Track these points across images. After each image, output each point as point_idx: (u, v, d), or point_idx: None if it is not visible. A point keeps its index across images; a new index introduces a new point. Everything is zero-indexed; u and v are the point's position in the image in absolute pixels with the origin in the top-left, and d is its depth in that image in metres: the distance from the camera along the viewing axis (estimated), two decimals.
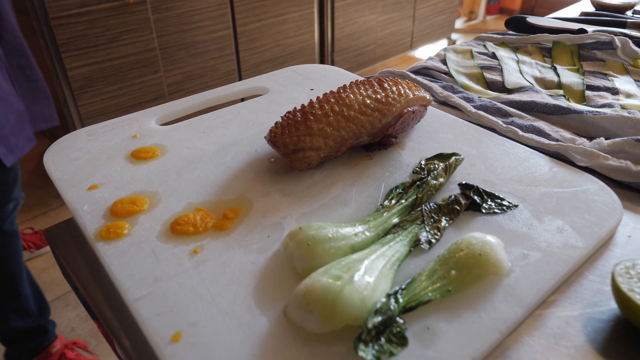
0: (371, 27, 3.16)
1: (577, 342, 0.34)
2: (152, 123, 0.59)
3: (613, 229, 0.43)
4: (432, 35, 3.70)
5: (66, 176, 0.49)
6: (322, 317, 0.31)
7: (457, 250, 0.37)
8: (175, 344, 0.32)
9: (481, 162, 0.51)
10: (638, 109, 0.61)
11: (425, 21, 3.57)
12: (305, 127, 0.47)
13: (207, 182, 0.48)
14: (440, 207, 0.43)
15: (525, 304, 0.35)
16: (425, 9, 3.52)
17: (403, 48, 3.51)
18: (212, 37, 2.15)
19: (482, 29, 4.56)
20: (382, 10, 3.15)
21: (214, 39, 2.17)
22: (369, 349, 0.30)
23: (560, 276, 0.37)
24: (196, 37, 2.10)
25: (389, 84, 0.52)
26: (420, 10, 3.48)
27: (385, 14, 3.20)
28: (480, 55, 0.77)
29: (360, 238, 0.39)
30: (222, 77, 2.28)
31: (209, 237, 0.41)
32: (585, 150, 0.51)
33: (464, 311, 0.34)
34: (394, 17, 3.29)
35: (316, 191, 0.47)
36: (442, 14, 3.71)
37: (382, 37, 3.28)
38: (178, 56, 2.07)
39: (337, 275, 0.33)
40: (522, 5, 4.63)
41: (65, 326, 1.59)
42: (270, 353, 0.31)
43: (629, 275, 0.35)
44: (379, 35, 3.25)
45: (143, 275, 0.37)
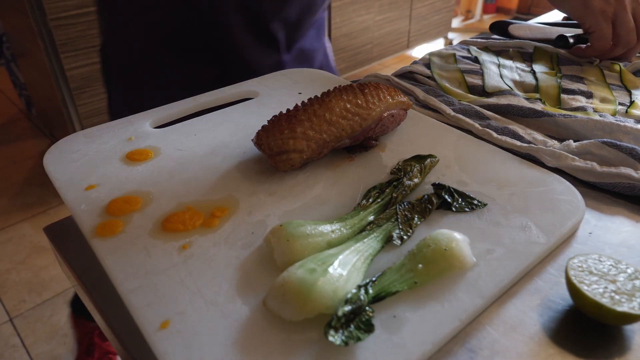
0: (368, 27, 3.18)
1: (532, 330, 0.37)
2: (147, 126, 0.62)
3: (575, 227, 0.46)
4: (429, 35, 3.73)
5: (65, 177, 0.52)
6: (297, 306, 0.34)
7: (424, 246, 0.40)
8: (163, 331, 0.35)
9: (456, 163, 0.54)
10: (610, 112, 0.64)
11: (422, 20, 3.60)
12: (288, 130, 0.50)
13: (197, 182, 0.51)
14: (413, 205, 0.46)
15: (485, 295, 0.38)
16: (422, 8, 3.54)
17: (400, 47, 3.54)
18: None
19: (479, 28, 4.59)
20: (378, 9, 3.18)
21: None
22: (339, 334, 0.33)
23: (520, 270, 0.40)
24: None
25: (370, 89, 0.55)
26: (417, 10, 3.50)
27: (382, 14, 3.22)
28: (464, 59, 0.80)
29: (337, 234, 0.42)
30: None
31: (197, 234, 0.44)
32: (554, 152, 0.55)
33: (428, 301, 0.37)
34: (390, 17, 3.31)
35: (299, 191, 0.50)
36: (439, 14, 3.73)
37: (378, 36, 3.31)
38: None
39: (312, 268, 0.36)
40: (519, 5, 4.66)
41: (65, 323, 1.63)
42: (249, 339, 0.34)
43: (581, 268, 0.38)
44: (375, 34, 3.28)
45: (135, 269, 0.40)
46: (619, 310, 0.34)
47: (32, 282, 1.78)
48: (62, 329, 1.61)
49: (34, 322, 1.63)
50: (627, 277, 0.37)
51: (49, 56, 1.88)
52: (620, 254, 0.44)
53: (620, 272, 0.38)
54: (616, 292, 0.36)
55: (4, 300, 1.70)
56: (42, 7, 1.78)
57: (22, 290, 1.74)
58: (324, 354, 0.33)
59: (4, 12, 2.20)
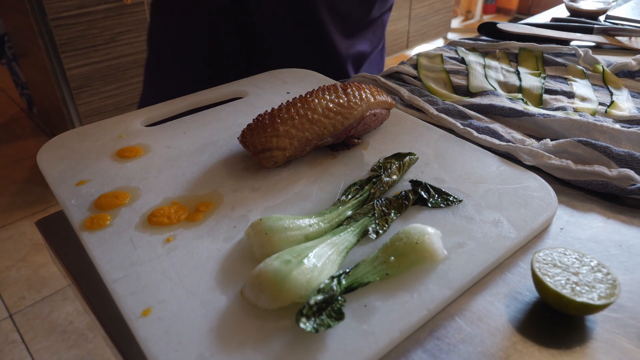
0: None
1: (498, 320, 0.39)
2: (138, 124, 0.64)
3: (547, 222, 0.48)
4: (428, 35, 3.74)
5: (56, 173, 0.54)
6: (272, 295, 0.36)
7: (397, 239, 0.42)
8: (145, 318, 0.37)
9: (435, 161, 0.56)
10: (589, 112, 0.66)
11: (421, 21, 3.61)
12: (272, 129, 0.52)
13: (184, 178, 0.53)
14: (390, 201, 0.48)
15: (454, 286, 0.40)
16: (421, 8, 3.55)
17: (399, 48, 3.55)
18: None
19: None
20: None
21: None
22: (310, 322, 0.35)
23: (489, 263, 0.42)
24: None
25: (352, 89, 0.57)
26: (416, 10, 3.52)
27: None
28: (451, 60, 0.82)
29: (315, 228, 0.44)
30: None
31: (182, 227, 0.46)
32: (531, 151, 0.56)
33: (398, 292, 0.39)
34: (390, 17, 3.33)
35: (281, 187, 0.51)
36: (438, 14, 3.75)
37: None
38: None
39: (288, 260, 0.38)
40: (518, 5, 4.67)
41: (64, 319, 1.65)
42: (226, 326, 0.36)
43: (545, 261, 0.39)
44: None
45: (121, 260, 0.42)
46: (579, 300, 0.36)
47: (32, 279, 1.80)
48: (61, 326, 1.63)
49: (33, 319, 1.65)
50: (590, 269, 0.39)
51: (49, 56, 1.91)
52: (589, 249, 0.46)
53: (584, 265, 0.39)
54: (577, 283, 0.37)
55: (4, 297, 1.72)
56: (42, 7, 1.80)
57: (22, 287, 1.76)
58: (296, 341, 0.35)
59: (6, 12, 2.23)
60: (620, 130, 0.58)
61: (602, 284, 0.37)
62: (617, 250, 0.45)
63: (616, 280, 0.38)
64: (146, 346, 0.34)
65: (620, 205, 0.52)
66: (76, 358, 1.52)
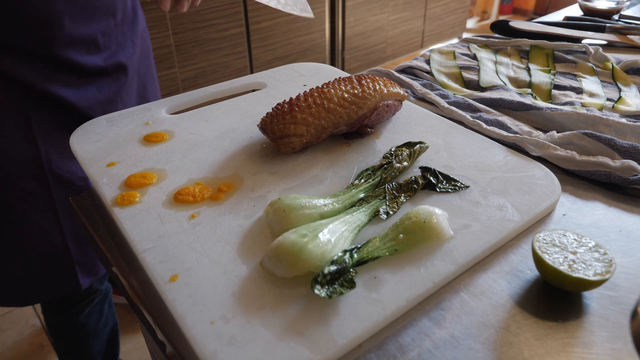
0: (382, 26, 3.22)
1: (500, 294, 0.41)
2: (163, 112, 0.68)
3: (550, 208, 0.50)
4: (443, 35, 3.75)
5: (89, 155, 0.57)
6: (289, 265, 0.39)
7: (406, 219, 0.44)
8: (173, 283, 0.40)
9: (445, 150, 0.58)
10: (597, 107, 0.68)
11: (436, 20, 3.62)
12: (290, 116, 0.55)
13: (207, 162, 0.56)
14: (401, 185, 0.51)
15: (458, 262, 0.42)
16: (437, 8, 3.56)
17: (413, 47, 3.57)
18: (225, 34, 2.24)
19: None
20: (393, 9, 3.21)
21: (227, 37, 2.25)
22: (324, 289, 0.38)
23: (493, 243, 0.45)
24: (210, 35, 2.19)
25: (367, 81, 0.60)
26: (431, 10, 3.53)
27: (396, 13, 3.25)
28: (463, 56, 0.84)
29: (329, 208, 0.47)
30: (234, 73, 2.37)
31: (205, 205, 0.49)
32: (537, 142, 0.59)
33: (406, 266, 0.42)
34: (405, 17, 3.34)
35: (298, 171, 0.55)
36: (454, 14, 3.75)
37: (392, 36, 3.34)
38: (192, 52, 2.16)
39: (304, 234, 0.41)
40: (535, 6, 4.64)
41: None
42: (246, 292, 0.39)
43: (545, 241, 0.42)
44: (389, 34, 3.31)
45: (149, 233, 0.45)
46: (574, 276, 0.38)
47: None
48: None
49: None
50: (588, 249, 0.41)
51: None
52: (589, 233, 0.48)
53: (582, 245, 0.42)
54: (575, 261, 0.40)
55: None
56: None
57: None
58: (311, 306, 0.38)
59: None
60: (626, 124, 0.60)
61: (598, 262, 0.40)
62: (617, 235, 0.48)
63: (612, 260, 0.40)
64: (173, 307, 0.38)
65: (622, 194, 0.54)
66: None
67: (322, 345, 0.35)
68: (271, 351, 0.34)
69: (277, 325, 0.36)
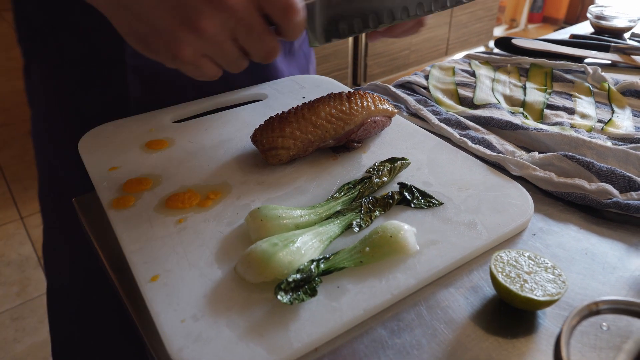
0: None
1: (456, 309, 0.44)
2: (168, 120, 0.72)
3: (520, 228, 0.52)
4: (469, 43, 3.72)
5: (94, 159, 0.62)
6: (258, 271, 0.43)
7: (374, 233, 0.47)
8: (153, 283, 0.44)
9: (427, 166, 0.61)
10: (586, 129, 0.69)
11: (462, 28, 3.60)
12: (279, 130, 0.58)
13: (200, 169, 0.60)
14: (377, 200, 0.54)
15: (419, 277, 0.45)
16: (463, 16, 3.54)
17: (438, 54, 3.56)
18: None
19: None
20: None
21: None
22: (287, 295, 0.41)
23: (456, 259, 0.47)
24: None
25: (356, 97, 0.63)
26: (457, 17, 3.51)
27: None
28: (463, 72, 0.86)
29: (305, 219, 0.50)
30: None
31: (193, 211, 0.53)
32: (518, 162, 0.60)
33: (369, 277, 0.44)
34: (430, 24, 3.34)
35: (283, 182, 0.58)
36: (480, 22, 3.72)
37: (416, 42, 3.34)
38: None
39: (275, 243, 0.44)
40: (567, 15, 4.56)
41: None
42: (218, 294, 0.43)
43: (502, 260, 0.44)
44: (413, 40, 3.31)
45: (138, 235, 0.49)
46: (523, 295, 0.40)
47: None
48: None
49: None
50: (543, 270, 0.43)
51: None
52: (554, 254, 0.50)
53: (538, 265, 0.44)
54: (527, 281, 0.42)
55: None
56: None
57: None
58: (274, 310, 0.41)
59: None
60: (608, 147, 0.61)
61: (551, 283, 0.42)
62: (581, 257, 0.49)
63: (566, 281, 0.42)
64: (150, 305, 0.42)
65: (597, 217, 0.55)
66: None
67: (278, 347, 0.38)
68: (231, 350, 0.38)
69: (240, 326, 0.40)
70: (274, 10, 0.42)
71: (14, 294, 1.77)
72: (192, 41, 0.41)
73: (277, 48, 0.45)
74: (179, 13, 0.40)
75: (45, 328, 1.64)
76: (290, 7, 0.42)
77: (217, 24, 0.40)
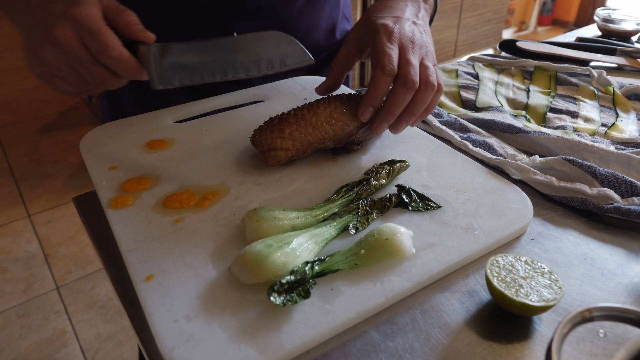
0: None
1: (451, 313, 0.43)
2: (169, 120, 0.72)
3: (518, 232, 0.52)
4: (477, 45, 3.71)
5: (94, 158, 0.63)
6: (251, 272, 0.43)
7: (370, 235, 0.47)
8: (148, 282, 0.44)
9: (426, 169, 0.60)
10: (589, 133, 0.68)
11: (470, 30, 3.59)
12: (278, 131, 0.58)
13: (199, 170, 0.60)
14: (374, 202, 0.53)
15: (414, 280, 0.45)
16: (471, 18, 3.53)
17: (445, 57, 3.54)
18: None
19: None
20: None
21: None
22: (280, 297, 0.41)
23: (453, 263, 0.47)
24: None
25: (356, 99, 0.62)
26: (465, 20, 3.50)
27: None
28: (466, 75, 0.86)
29: (301, 221, 0.50)
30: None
31: (190, 211, 0.53)
32: (518, 165, 0.60)
33: (364, 280, 0.44)
34: (438, 26, 3.33)
35: (282, 183, 0.58)
36: (489, 24, 3.70)
37: None
38: None
39: (270, 244, 0.44)
40: (577, 17, 4.52)
41: (104, 296, 1.79)
42: (212, 295, 0.43)
43: (498, 264, 0.44)
44: None
45: (135, 234, 0.50)
46: (518, 300, 0.40)
47: (79, 256, 1.96)
48: (101, 301, 1.77)
49: (77, 293, 1.80)
50: (540, 275, 0.43)
51: None
52: (552, 259, 0.49)
53: (535, 270, 0.43)
54: (522, 286, 0.41)
55: (53, 270, 1.88)
56: None
57: (69, 262, 1.92)
58: (268, 312, 0.41)
59: None
60: (610, 151, 0.60)
61: (547, 288, 0.41)
62: (580, 262, 0.49)
63: (562, 287, 0.42)
64: (145, 304, 0.42)
65: (597, 222, 0.55)
66: (112, 332, 1.65)
67: (270, 348, 0.38)
68: (223, 350, 0.38)
69: (233, 327, 0.40)
70: (92, 49, 0.49)
71: (20, 290, 1.78)
72: (39, 64, 0.51)
73: (106, 77, 0.52)
74: (28, 43, 0.51)
75: (50, 325, 1.65)
76: (104, 50, 0.49)
77: (53, 55, 0.50)
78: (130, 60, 0.50)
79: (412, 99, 0.56)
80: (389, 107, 0.57)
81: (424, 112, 0.59)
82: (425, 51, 0.59)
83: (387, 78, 0.56)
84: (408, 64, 0.56)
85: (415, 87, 0.55)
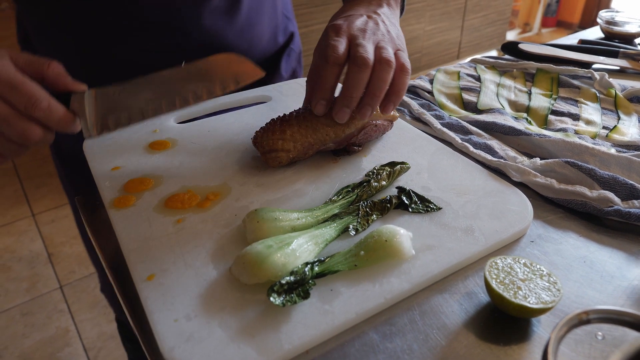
0: (417, 36, 3.22)
1: (450, 315, 0.44)
2: (172, 121, 0.73)
3: (518, 234, 0.52)
4: (481, 47, 3.70)
5: (98, 159, 0.63)
6: (251, 272, 0.43)
7: (370, 237, 0.47)
8: (149, 282, 0.44)
9: (427, 171, 0.61)
10: (590, 135, 0.68)
11: (474, 32, 3.58)
12: (279, 132, 0.59)
13: (201, 170, 0.61)
14: (374, 204, 0.54)
15: (413, 281, 0.45)
16: (475, 19, 3.52)
17: (449, 58, 3.54)
18: None
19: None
20: (429, 19, 3.21)
21: None
22: (280, 298, 0.41)
23: (452, 265, 0.47)
24: None
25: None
26: (469, 21, 3.49)
27: (433, 24, 3.24)
28: (468, 77, 0.86)
29: (302, 222, 0.50)
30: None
31: (191, 212, 0.54)
32: (519, 168, 0.60)
33: (363, 281, 0.44)
34: (442, 27, 3.33)
35: (282, 184, 0.58)
36: (493, 25, 3.70)
37: (428, 46, 3.33)
38: None
39: (270, 245, 0.45)
40: (581, 19, 4.50)
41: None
42: (212, 294, 0.43)
43: (497, 266, 0.44)
44: (425, 44, 3.30)
45: (137, 234, 0.50)
46: (516, 302, 0.40)
47: (82, 255, 1.97)
48: (104, 301, 1.78)
49: (80, 292, 1.81)
50: (538, 277, 0.43)
51: None
52: (551, 262, 0.49)
53: (534, 273, 0.43)
54: (521, 288, 0.42)
55: (57, 270, 1.89)
56: None
57: (73, 262, 1.93)
58: (267, 312, 0.42)
59: None
60: (611, 154, 0.60)
61: (545, 291, 0.42)
62: (579, 264, 0.49)
63: (561, 289, 0.42)
64: (145, 304, 0.42)
65: (597, 225, 0.55)
66: (114, 331, 1.66)
67: (269, 348, 0.38)
68: (222, 350, 0.38)
69: (232, 327, 0.40)
70: (17, 103, 0.46)
71: (24, 289, 1.79)
72: None
73: (34, 132, 0.47)
74: None
75: (54, 324, 1.66)
76: (31, 102, 0.46)
77: None
78: (61, 110, 0.48)
79: (370, 79, 0.55)
80: (345, 89, 0.56)
81: (392, 95, 0.57)
82: (382, 37, 0.58)
83: (332, 67, 0.55)
84: (357, 45, 0.55)
85: (367, 64, 0.53)
